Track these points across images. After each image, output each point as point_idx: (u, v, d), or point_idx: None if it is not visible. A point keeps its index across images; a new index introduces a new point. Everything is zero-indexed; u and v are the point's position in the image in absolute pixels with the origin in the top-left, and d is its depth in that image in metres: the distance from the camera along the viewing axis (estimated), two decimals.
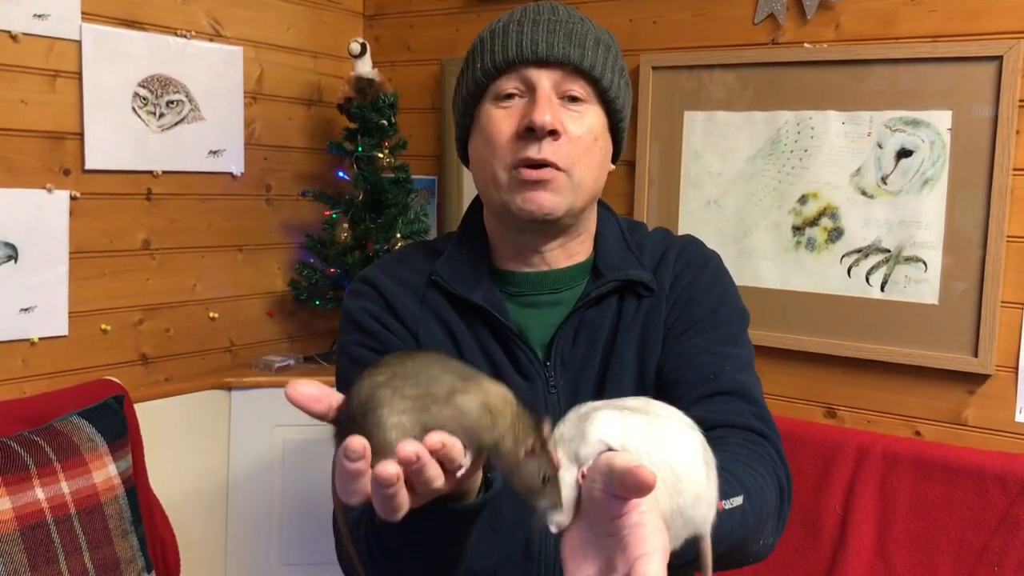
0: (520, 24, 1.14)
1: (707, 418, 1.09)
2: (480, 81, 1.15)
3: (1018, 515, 1.94)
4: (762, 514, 1.02)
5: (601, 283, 1.19)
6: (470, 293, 1.18)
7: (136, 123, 2.41)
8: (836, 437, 2.17)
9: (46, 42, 2.22)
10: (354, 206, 2.72)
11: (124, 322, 2.45)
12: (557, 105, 1.12)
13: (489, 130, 1.14)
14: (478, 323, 1.19)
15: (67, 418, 2.07)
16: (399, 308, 1.20)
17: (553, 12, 1.16)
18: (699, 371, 1.15)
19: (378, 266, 1.27)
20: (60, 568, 1.89)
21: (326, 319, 2.97)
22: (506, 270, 1.23)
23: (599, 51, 1.15)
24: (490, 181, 1.16)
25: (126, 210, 2.43)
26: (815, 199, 2.27)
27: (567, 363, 1.18)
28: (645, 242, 1.27)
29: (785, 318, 2.31)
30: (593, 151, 1.15)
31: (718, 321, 1.20)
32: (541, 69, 1.12)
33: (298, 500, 2.63)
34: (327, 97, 2.92)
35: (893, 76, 2.16)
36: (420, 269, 1.23)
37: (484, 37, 1.17)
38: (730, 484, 0.99)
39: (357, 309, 1.21)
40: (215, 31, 2.60)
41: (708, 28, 2.41)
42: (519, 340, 1.17)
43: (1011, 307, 2.06)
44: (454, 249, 1.24)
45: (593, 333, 1.19)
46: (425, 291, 1.21)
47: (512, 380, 1.16)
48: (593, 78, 1.14)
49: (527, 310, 1.21)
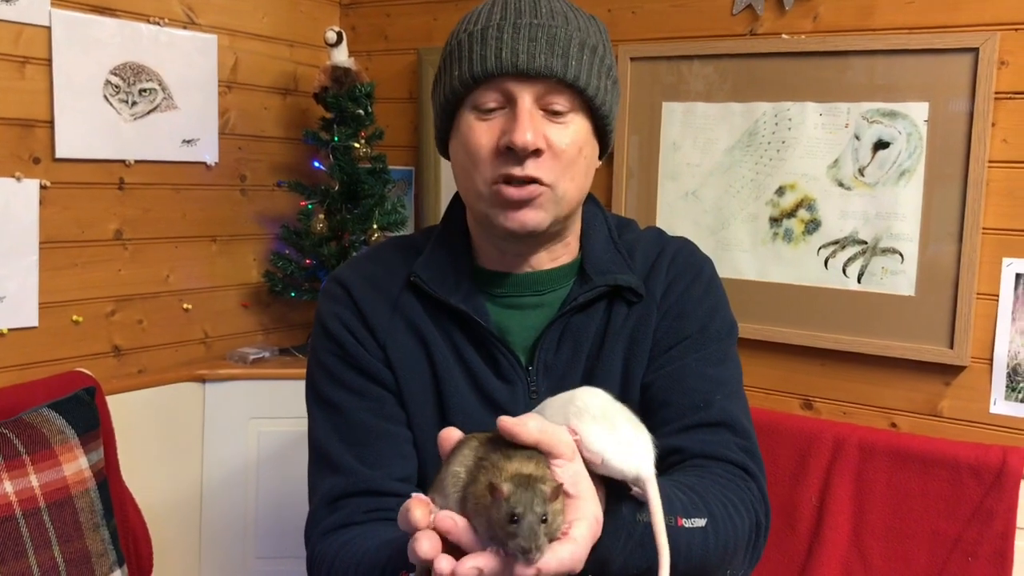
0: (500, 30, 1.08)
1: (691, 448, 1.11)
2: (458, 90, 1.10)
3: (992, 506, 1.96)
4: (728, 544, 1.01)
5: (588, 288, 1.16)
6: (450, 296, 1.15)
7: (108, 111, 2.38)
8: (813, 428, 2.17)
9: (15, 28, 2.18)
10: (330, 196, 2.70)
11: (96, 313, 2.41)
12: (539, 119, 1.07)
13: (469, 141, 1.10)
14: (455, 327, 1.16)
15: (37, 410, 2.04)
16: (369, 316, 1.17)
17: (535, 12, 1.09)
18: (688, 397, 1.13)
19: (353, 265, 1.24)
20: (29, 562, 1.86)
21: (301, 311, 2.94)
22: (489, 270, 1.19)
23: (583, 57, 1.09)
24: (472, 191, 1.12)
25: (98, 199, 2.39)
26: (792, 191, 2.27)
27: (550, 368, 1.15)
28: (637, 244, 1.23)
29: (762, 310, 2.31)
30: (577, 162, 1.11)
31: (708, 338, 1.17)
32: (522, 83, 1.07)
33: (273, 493, 2.61)
34: (303, 86, 2.89)
35: (870, 68, 2.16)
36: (396, 270, 1.20)
37: (462, 40, 1.11)
38: (696, 506, 0.99)
39: (329, 315, 1.19)
40: (189, 18, 2.56)
41: (687, 19, 2.40)
42: (500, 344, 1.14)
43: (986, 299, 2.07)
44: (435, 248, 1.21)
45: (578, 339, 1.16)
46: (399, 295, 1.18)
47: (491, 384, 1.14)
48: (578, 88, 1.08)
49: (509, 312, 1.18)
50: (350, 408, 1.15)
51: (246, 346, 2.74)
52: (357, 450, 1.13)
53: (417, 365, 1.16)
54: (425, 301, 1.17)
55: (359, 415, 1.15)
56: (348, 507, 1.11)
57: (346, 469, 1.13)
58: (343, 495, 1.12)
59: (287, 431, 2.59)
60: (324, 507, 1.13)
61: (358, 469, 1.12)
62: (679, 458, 1.12)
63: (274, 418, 2.59)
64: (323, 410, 1.18)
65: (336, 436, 1.15)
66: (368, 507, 1.11)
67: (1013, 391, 2.04)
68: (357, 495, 1.12)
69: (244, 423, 2.59)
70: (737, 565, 1.06)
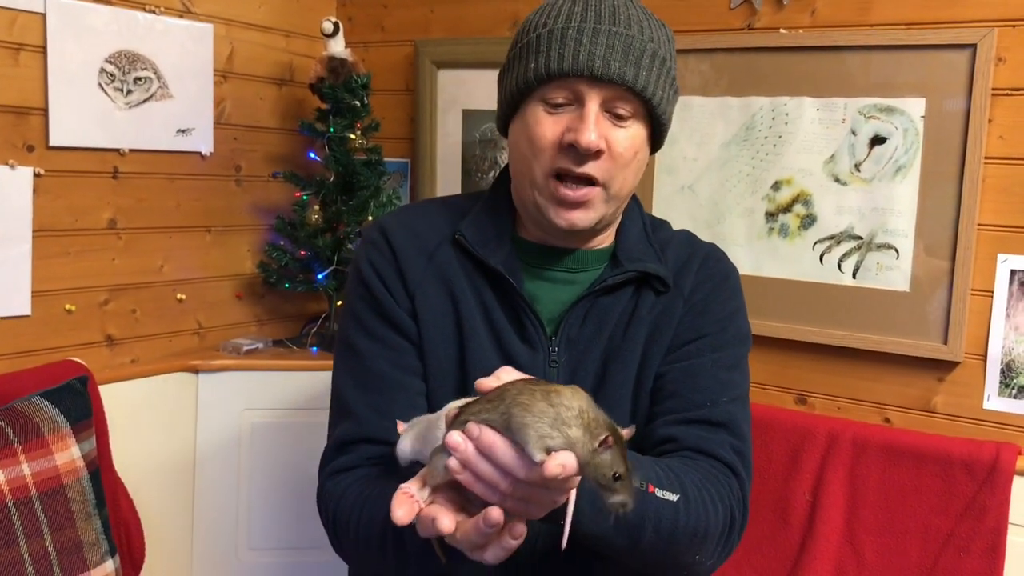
0: (580, 32, 1.13)
1: (685, 440, 1.17)
2: (531, 82, 1.15)
3: (984, 501, 1.96)
4: (699, 528, 1.07)
5: (619, 271, 1.22)
6: (489, 256, 1.21)
7: (102, 99, 2.36)
8: (806, 423, 2.17)
9: (9, 14, 2.17)
10: (325, 188, 2.69)
11: (89, 302, 2.40)
12: (603, 122, 1.13)
13: (534, 132, 1.15)
14: (487, 287, 1.22)
15: (29, 399, 2.03)
16: (404, 265, 1.22)
17: (613, 19, 1.15)
18: (697, 394, 1.20)
19: (397, 215, 1.30)
20: (20, 551, 1.86)
21: (296, 302, 2.93)
22: (529, 240, 1.25)
23: (654, 68, 1.15)
24: (527, 178, 1.18)
25: (92, 188, 2.38)
26: (788, 185, 2.27)
27: (572, 342, 1.21)
28: (670, 242, 1.30)
29: (757, 304, 2.31)
30: (632, 164, 1.17)
31: (725, 340, 1.25)
32: (593, 86, 1.12)
33: (266, 484, 2.61)
34: (299, 77, 2.88)
35: (868, 63, 2.16)
36: (439, 226, 1.26)
37: (541, 34, 1.16)
38: (671, 482, 1.05)
39: (364, 259, 1.25)
40: (185, 7, 2.55)
41: (684, 13, 2.40)
42: (529, 309, 1.20)
43: (981, 295, 2.07)
44: (481, 212, 1.27)
45: (603, 318, 1.22)
46: (437, 249, 1.24)
47: (515, 346, 1.20)
48: (644, 98, 1.15)
49: (540, 282, 1.24)
50: (370, 355, 1.21)
51: (240, 337, 2.74)
52: (371, 397, 1.20)
53: (444, 318, 1.22)
54: (462, 258, 1.23)
55: (378, 363, 1.21)
56: (356, 452, 1.18)
57: (358, 416, 1.19)
58: (352, 440, 1.19)
59: (280, 422, 2.58)
60: (335, 449, 1.21)
61: (369, 417, 1.19)
62: (673, 447, 1.18)
63: (267, 409, 2.58)
64: (345, 354, 1.25)
65: (353, 382, 1.22)
66: (373, 453, 1.18)
67: (1007, 387, 2.05)
68: (365, 442, 1.18)
69: (237, 414, 2.58)
70: (707, 553, 1.11)
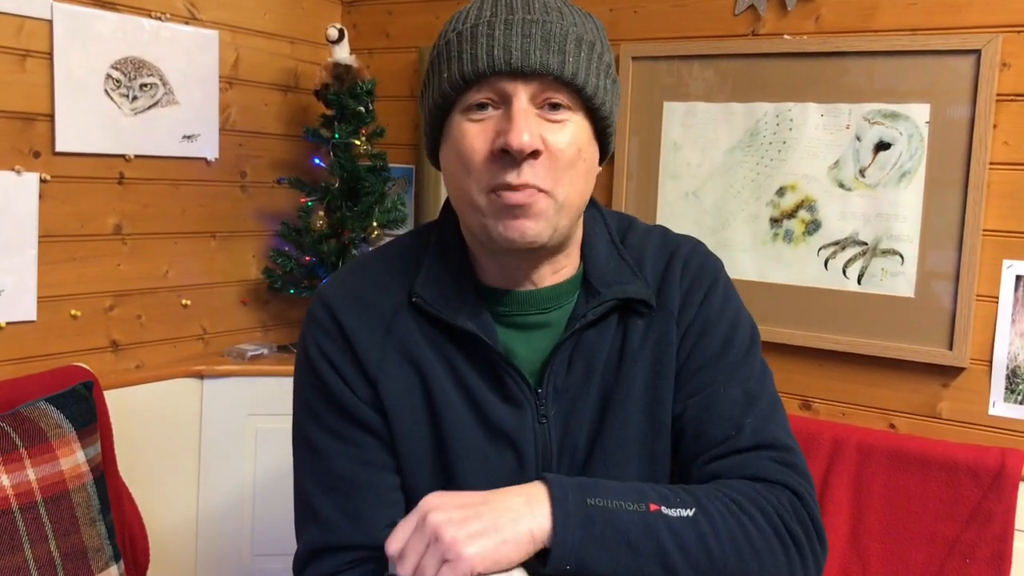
0: (490, 26, 1.00)
1: (728, 473, 1.05)
2: (448, 93, 1.02)
3: (990, 508, 1.95)
4: (738, 542, 0.97)
5: (596, 303, 1.08)
6: (455, 317, 1.07)
7: (108, 106, 2.37)
8: (811, 429, 2.17)
9: (16, 21, 2.18)
10: (330, 194, 2.69)
11: (94, 308, 2.41)
12: (535, 119, 1.00)
13: (462, 147, 1.02)
14: (456, 350, 1.08)
15: (34, 404, 2.03)
16: (359, 348, 1.09)
17: (528, 8, 1.02)
18: (720, 427, 1.07)
19: (342, 284, 1.14)
20: (25, 556, 1.86)
21: (300, 308, 2.94)
22: (491, 287, 1.11)
23: (581, 53, 1.02)
24: (467, 202, 1.04)
25: (97, 194, 2.39)
26: (793, 191, 2.27)
27: (561, 392, 1.09)
28: (644, 250, 1.15)
29: (762, 310, 2.31)
30: (577, 165, 1.03)
31: (733, 353, 1.11)
32: (516, 82, 0.99)
33: (271, 490, 2.61)
34: (304, 83, 2.89)
35: (872, 69, 2.16)
36: (391, 290, 1.11)
37: (451, 39, 1.03)
38: (680, 499, 0.97)
39: (313, 345, 1.11)
40: (191, 14, 2.56)
41: (688, 19, 2.40)
42: (508, 366, 1.07)
43: (986, 301, 2.07)
44: (433, 263, 1.12)
45: (591, 359, 1.09)
46: (393, 317, 1.10)
47: (496, 410, 1.07)
48: (576, 86, 1.01)
49: (514, 332, 1.10)
50: (331, 454, 1.09)
51: (244, 343, 2.74)
52: (338, 500, 1.08)
53: (411, 398, 1.09)
54: (423, 324, 1.09)
55: (340, 463, 1.08)
56: (332, 559, 1.08)
57: (326, 520, 1.08)
58: (325, 548, 1.08)
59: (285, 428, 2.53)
60: (307, 555, 1.10)
61: (339, 522, 1.07)
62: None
63: (272, 415, 2.58)
64: (304, 453, 1.13)
65: (317, 484, 1.10)
66: (350, 559, 1.07)
67: (1012, 393, 2.04)
68: (339, 550, 1.08)
69: (242, 420, 2.59)
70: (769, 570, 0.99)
